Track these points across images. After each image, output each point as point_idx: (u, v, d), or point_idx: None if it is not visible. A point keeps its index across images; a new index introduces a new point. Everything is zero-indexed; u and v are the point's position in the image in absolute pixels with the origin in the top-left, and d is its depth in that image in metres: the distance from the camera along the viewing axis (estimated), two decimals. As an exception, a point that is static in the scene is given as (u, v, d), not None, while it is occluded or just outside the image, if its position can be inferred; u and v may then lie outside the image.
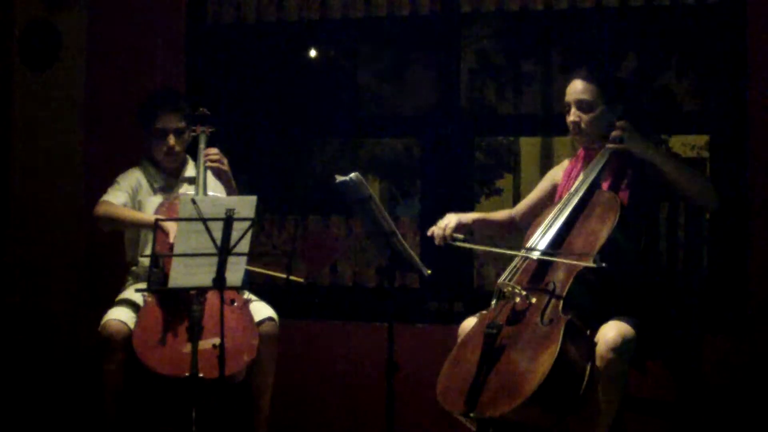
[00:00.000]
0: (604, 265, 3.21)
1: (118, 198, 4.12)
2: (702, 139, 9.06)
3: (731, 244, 4.45)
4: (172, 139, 4.15)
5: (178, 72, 5.10)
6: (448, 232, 3.69)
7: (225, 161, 4.15)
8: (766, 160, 4.36)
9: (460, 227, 3.73)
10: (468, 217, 3.79)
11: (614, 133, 3.53)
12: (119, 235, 4.23)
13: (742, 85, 4.42)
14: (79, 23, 5.19)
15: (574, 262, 3.31)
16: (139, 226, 4.10)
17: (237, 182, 4.23)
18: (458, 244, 3.68)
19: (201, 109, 4.20)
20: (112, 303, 4.02)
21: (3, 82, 5.20)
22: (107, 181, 4.20)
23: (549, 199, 3.86)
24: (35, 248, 5.12)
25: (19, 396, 4.98)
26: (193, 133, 4.19)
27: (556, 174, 3.88)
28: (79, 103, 5.17)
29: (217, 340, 3.51)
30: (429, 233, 3.76)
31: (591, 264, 3.23)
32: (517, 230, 3.92)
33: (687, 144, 10.86)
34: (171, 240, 3.77)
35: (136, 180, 4.20)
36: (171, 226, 3.82)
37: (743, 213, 4.40)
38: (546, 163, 10.99)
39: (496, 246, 3.62)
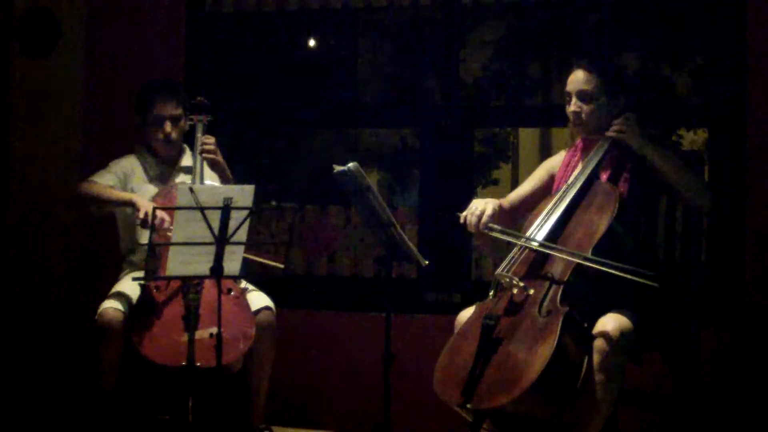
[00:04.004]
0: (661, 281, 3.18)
1: (106, 180, 4.10)
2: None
3: (729, 237, 4.45)
4: (168, 126, 4.14)
5: (177, 60, 5.09)
6: (485, 219, 3.55)
7: (218, 151, 4.13)
8: (764, 153, 4.36)
9: (494, 216, 3.58)
10: (498, 203, 3.65)
11: (617, 122, 3.53)
12: (115, 223, 4.22)
13: (742, 80, 4.41)
14: (78, 11, 5.18)
15: (636, 278, 3.22)
16: (120, 204, 4.05)
17: (235, 171, 4.22)
18: (494, 234, 3.53)
19: (199, 97, 4.19)
20: (108, 292, 4.01)
21: (2, 69, 5.18)
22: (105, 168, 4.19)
23: (544, 189, 3.84)
24: (33, 236, 5.11)
25: (16, 386, 4.97)
26: (191, 122, 4.18)
27: (553, 164, 3.85)
28: (78, 90, 5.16)
29: (214, 330, 3.51)
30: (462, 219, 3.59)
31: (654, 283, 3.17)
32: (513, 218, 3.85)
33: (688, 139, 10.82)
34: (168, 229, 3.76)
35: (129, 166, 4.19)
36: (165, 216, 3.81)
37: (741, 206, 4.40)
38: (544, 154, 10.97)
39: (528, 239, 3.50)
